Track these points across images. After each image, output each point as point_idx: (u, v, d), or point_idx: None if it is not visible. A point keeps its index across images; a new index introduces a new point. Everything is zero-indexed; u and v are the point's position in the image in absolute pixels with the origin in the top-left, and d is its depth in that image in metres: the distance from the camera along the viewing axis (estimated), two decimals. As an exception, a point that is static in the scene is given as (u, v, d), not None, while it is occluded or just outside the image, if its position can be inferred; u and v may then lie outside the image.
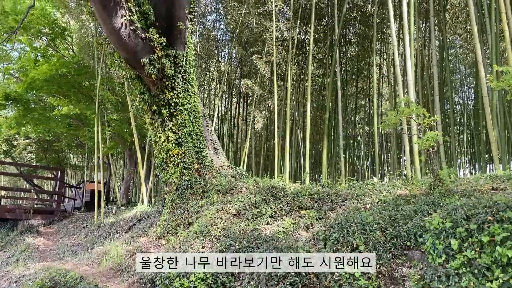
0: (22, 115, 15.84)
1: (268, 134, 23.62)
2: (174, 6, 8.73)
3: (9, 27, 14.37)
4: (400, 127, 7.24)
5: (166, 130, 9.14)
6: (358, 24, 20.71)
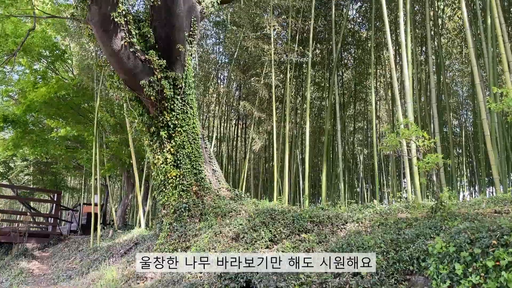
0: (20, 137, 15.80)
1: (266, 156, 23.56)
2: (174, 29, 8.80)
3: (9, 49, 14.49)
4: (400, 149, 7.19)
5: (165, 152, 9.07)
6: (355, 48, 20.94)
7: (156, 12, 8.84)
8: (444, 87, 16.57)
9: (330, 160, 20.32)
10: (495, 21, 9.46)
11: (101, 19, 7.74)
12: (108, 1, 7.64)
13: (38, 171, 23.06)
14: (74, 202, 32.84)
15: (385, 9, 10.57)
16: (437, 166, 6.26)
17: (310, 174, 22.85)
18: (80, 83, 15.59)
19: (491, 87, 10.50)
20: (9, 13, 9.26)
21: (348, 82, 22.94)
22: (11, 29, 14.59)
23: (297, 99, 21.63)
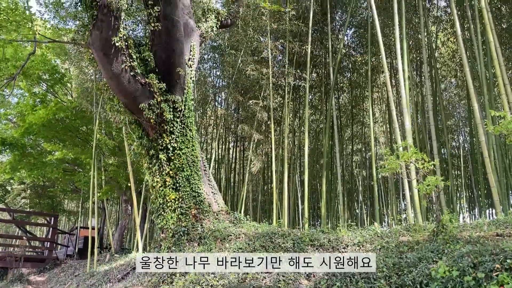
0: (18, 160, 15.74)
1: (265, 178, 23.49)
2: (174, 53, 8.91)
3: (9, 73, 14.58)
4: (399, 171, 7.19)
5: (164, 175, 9.04)
6: (351, 71, 21.19)
7: (156, 36, 8.97)
8: (441, 109, 16.70)
9: (329, 182, 20.28)
10: (491, 45, 9.61)
11: (102, 43, 7.84)
12: (110, 26, 7.75)
13: (35, 195, 22.87)
14: (70, 225, 32.48)
15: (379, 35, 10.74)
16: (437, 188, 6.25)
17: (309, 196, 22.76)
18: (79, 106, 15.64)
19: (487, 109, 10.59)
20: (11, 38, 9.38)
21: (345, 105, 23.11)
22: (11, 53, 14.71)
23: (295, 121, 21.74)
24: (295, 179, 20.52)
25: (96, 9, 7.70)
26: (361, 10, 18.53)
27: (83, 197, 21.83)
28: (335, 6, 18.15)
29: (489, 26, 9.70)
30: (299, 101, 20.86)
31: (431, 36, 17.75)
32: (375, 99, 21.72)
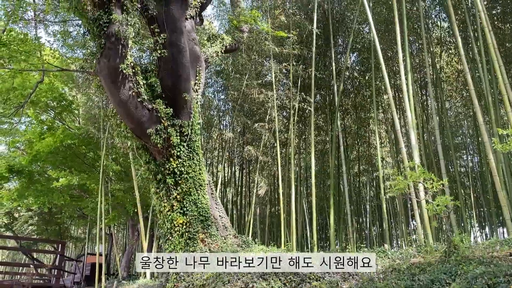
0: (25, 187, 15.82)
1: (272, 200, 23.38)
2: (180, 79, 9.04)
3: (17, 102, 14.80)
4: (407, 191, 7.14)
5: (171, 199, 9.03)
6: (356, 93, 21.29)
7: (163, 62, 9.12)
8: (448, 128, 16.67)
9: (337, 203, 20.12)
10: (494, 63, 9.66)
11: (110, 71, 7.97)
12: (117, 54, 7.90)
13: (43, 221, 22.87)
14: (78, 252, 32.31)
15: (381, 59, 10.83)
16: (447, 208, 6.19)
17: (317, 217, 22.55)
18: (86, 132, 15.80)
19: (494, 127, 10.56)
20: (20, 67, 9.58)
21: (351, 126, 23.13)
22: (18, 82, 14.95)
23: (301, 143, 21.76)
24: (302, 201, 20.39)
25: (104, 37, 7.86)
26: (363, 33, 18.76)
27: (90, 223, 21.79)
28: (338, 30, 18.39)
29: (492, 45, 9.78)
30: (304, 123, 20.93)
31: (435, 57, 17.88)
32: (381, 120, 21.74)
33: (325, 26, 16.84)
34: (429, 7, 17.66)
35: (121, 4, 8.07)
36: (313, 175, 13.91)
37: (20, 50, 8.75)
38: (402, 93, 10.64)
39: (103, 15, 7.80)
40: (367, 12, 11.02)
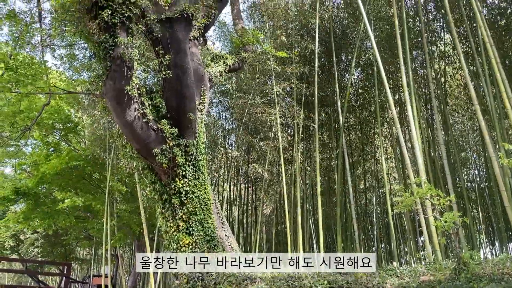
0: (31, 209, 15.85)
1: (278, 218, 23.22)
2: (185, 99, 9.12)
3: (24, 125, 14.94)
4: (414, 208, 7.09)
5: (177, 219, 9.00)
6: (360, 109, 21.33)
7: (167, 83, 9.22)
8: (453, 143, 16.61)
9: (344, 220, 19.94)
10: (497, 78, 9.69)
11: (115, 93, 8.07)
12: (123, 76, 8.00)
13: (48, 243, 22.82)
14: (83, 273, 32.09)
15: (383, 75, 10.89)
16: (456, 224, 6.12)
17: (324, 234, 22.34)
18: (92, 153, 15.89)
19: (500, 141, 10.52)
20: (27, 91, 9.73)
21: (356, 142, 23.10)
22: (25, 105, 15.12)
23: (306, 160, 21.72)
24: (309, 219, 20.23)
25: (110, 60, 7.97)
26: (366, 49, 18.90)
27: (96, 244, 21.71)
28: (341, 47, 18.54)
29: (494, 60, 9.82)
30: (309, 140, 20.94)
31: (439, 71, 17.94)
32: (386, 135, 21.71)
33: (328, 44, 17.00)
34: (432, 20, 17.73)
35: (126, 27, 8.21)
36: (319, 193, 13.85)
37: (27, 74, 8.90)
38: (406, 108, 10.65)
39: (109, 38, 7.93)
40: (368, 32, 11.13)
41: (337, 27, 18.17)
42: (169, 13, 9.36)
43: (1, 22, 8.85)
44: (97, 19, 7.97)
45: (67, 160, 14.49)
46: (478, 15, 10.44)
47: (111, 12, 7.93)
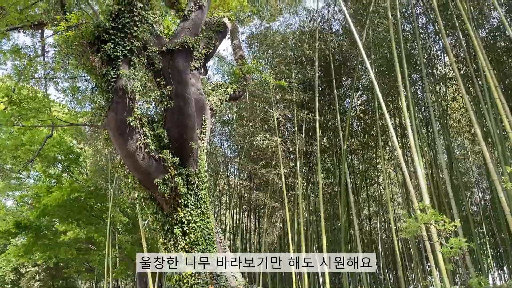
0: (32, 242, 15.71)
1: (282, 246, 22.91)
2: (186, 128, 9.16)
3: (26, 157, 14.97)
4: (420, 233, 7.00)
5: (179, 250, 8.88)
6: (362, 133, 21.39)
7: (169, 113, 9.29)
8: (456, 166, 16.54)
9: (348, 247, 19.66)
10: (496, 101, 9.75)
11: (117, 124, 8.12)
12: (125, 107, 8.08)
13: (49, 277, 22.48)
14: (84, 307, 31.46)
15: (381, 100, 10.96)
16: (462, 250, 6.03)
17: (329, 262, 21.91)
18: (94, 184, 15.87)
19: (503, 164, 10.47)
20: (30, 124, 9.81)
21: (359, 166, 23.03)
22: (27, 138, 15.17)
23: (309, 186, 21.62)
24: (313, 246, 19.95)
25: (112, 92, 8.06)
26: (365, 74, 19.07)
27: (98, 276, 21.37)
28: (341, 73, 18.75)
29: (492, 84, 9.91)
30: (311, 166, 20.91)
31: (439, 94, 18.05)
32: (388, 159, 21.66)
33: (327, 70, 17.18)
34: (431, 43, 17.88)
35: (128, 60, 8.34)
36: (322, 219, 13.73)
37: (30, 108, 9.00)
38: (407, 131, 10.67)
39: (111, 70, 8.05)
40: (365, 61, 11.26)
41: (336, 53, 18.41)
42: (170, 45, 9.53)
43: (6, 57, 9.03)
44: (99, 52, 8.12)
45: (69, 191, 14.47)
46: (474, 40, 10.60)
47: (113, 45, 8.08)
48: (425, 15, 16.89)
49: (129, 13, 8.37)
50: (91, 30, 8.08)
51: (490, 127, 11.47)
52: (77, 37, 8.07)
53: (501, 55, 16.17)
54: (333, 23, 19.36)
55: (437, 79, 18.29)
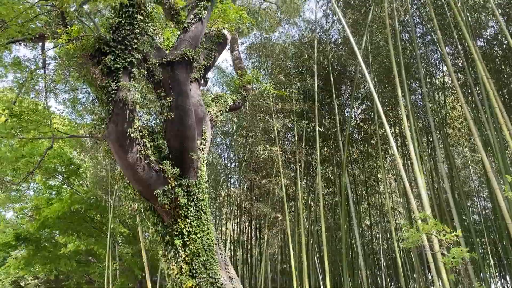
0: (32, 255, 15.65)
1: (283, 257, 22.80)
2: (186, 139, 9.18)
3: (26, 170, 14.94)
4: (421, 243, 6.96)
5: (180, 261, 8.84)
6: (362, 142, 21.39)
7: (169, 124, 9.31)
8: (456, 175, 16.51)
9: (350, 257, 19.54)
10: (496, 110, 9.77)
11: (118, 135, 8.14)
12: (125, 119, 8.10)
13: (49, 289, 22.32)
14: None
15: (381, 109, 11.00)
16: (464, 260, 5.99)
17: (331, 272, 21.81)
18: (94, 196, 15.85)
19: (503, 173, 10.46)
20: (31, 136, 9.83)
21: (359, 175, 23.00)
22: (27, 150, 15.15)
23: (309, 196, 21.57)
24: (314, 257, 19.84)
25: (112, 104, 8.09)
26: (365, 83, 19.12)
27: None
28: (340, 82, 18.82)
29: (492, 93, 9.93)
30: (312, 176, 20.88)
31: (438, 103, 18.08)
32: (389, 168, 21.63)
33: (327, 79, 17.24)
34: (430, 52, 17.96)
35: (129, 72, 8.39)
36: (323, 229, 13.67)
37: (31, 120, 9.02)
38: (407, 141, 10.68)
39: (112, 82, 8.09)
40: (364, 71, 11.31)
41: (335, 62, 18.49)
42: (170, 56, 9.59)
43: (7, 70, 9.09)
44: (100, 65, 8.17)
45: (69, 203, 14.46)
46: (472, 49, 10.66)
47: (113, 57, 8.13)
48: (422, 24, 17.00)
49: (129, 25, 8.43)
50: (92, 42, 8.14)
51: (490, 136, 11.48)
52: (78, 49, 8.13)
53: (500, 65, 16.25)
54: (332, 32, 19.51)
55: (436, 88, 18.35)
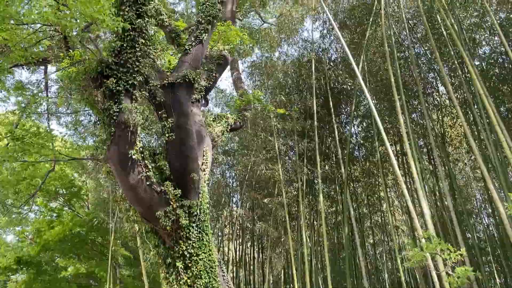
0: (33, 279, 15.48)
1: (286, 277, 22.50)
2: (187, 160, 9.19)
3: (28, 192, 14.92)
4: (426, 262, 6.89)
5: (182, 284, 8.73)
6: (363, 160, 21.38)
7: (170, 145, 9.34)
8: (458, 193, 16.44)
9: (353, 278, 19.28)
10: (496, 128, 9.80)
11: (119, 157, 8.16)
12: (127, 141, 8.13)
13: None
14: None
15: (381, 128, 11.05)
16: (469, 279, 5.93)
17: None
18: (95, 218, 15.78)
19: (505, 190, 10.41)
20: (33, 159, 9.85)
21: (361, 193, 22.89)
22: (28, 173, 15.13)
23: (312, 215, 21.43)
24: (317, 277, 19.58)
25: (114, 126, 8.14)
26: (364, 101, 19.22)
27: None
28: (340, 101, 18.93)
29: (490, 110, 9.99)
30: (314, 194, 20.79)
31: (437, 122, 18.14)
32: (391, 186, 21.55)
33: (326, 98, 17.35)
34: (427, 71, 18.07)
35: (130, 94, 8.46)
36: (326, 249, 13.54)
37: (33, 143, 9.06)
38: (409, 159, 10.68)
39: (113, 105, 8.15)
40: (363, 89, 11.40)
41: (335, 80, 18.64)
42: (172, 78, 9.68)
43: (10, 93, 9.17)
44: (102, 87, 8.25)
45: (70, 226, 14.39)
46: (471, 68, 10.77)
47: (116, 80, 8.22)
48: (420, 43, 17.20)
49: (131, 48, 8.54)
50: (94, 65, 8.24)
51: (490, 152, 11.48)
52: (80, 72, 8.22)
53: (497, 84, 16.39)
54: (331, 52, 19.74)
55: (435, 105, 18.45)
